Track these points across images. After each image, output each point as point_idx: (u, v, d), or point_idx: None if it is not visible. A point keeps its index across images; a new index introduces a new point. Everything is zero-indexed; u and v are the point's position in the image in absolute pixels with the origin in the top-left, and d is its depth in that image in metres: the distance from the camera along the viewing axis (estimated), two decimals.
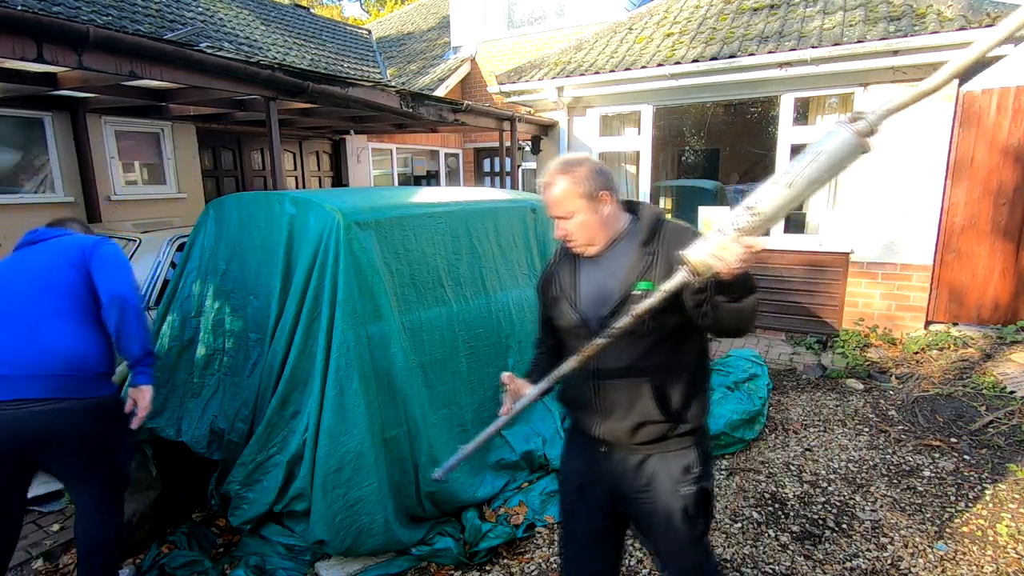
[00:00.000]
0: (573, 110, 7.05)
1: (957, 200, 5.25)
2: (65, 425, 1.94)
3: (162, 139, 6.42)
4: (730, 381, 4.01)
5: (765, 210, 1.12)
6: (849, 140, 1.05)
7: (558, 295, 1.60)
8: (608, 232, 1.52)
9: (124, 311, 2.01)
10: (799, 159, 1.09)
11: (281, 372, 2.53)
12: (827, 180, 1.10)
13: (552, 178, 1.49)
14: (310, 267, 2.52)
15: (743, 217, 1.13)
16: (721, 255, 1.14)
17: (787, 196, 1.09)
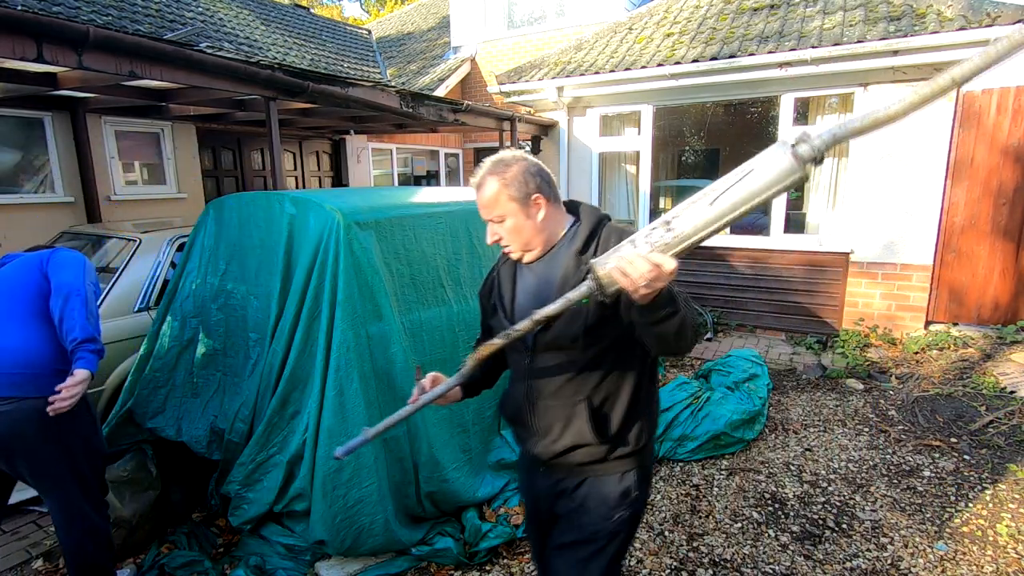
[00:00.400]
0: (573, 110, 7.05)
1: (957, 200, 5.25)
2: (26, 424, 1.95)
3: (162, 139, 6.41)
4: (730, 381, 4.01)
5: (683, 228, 0.99)
6: (786, 164, 0.93)
7: (496, 304, 1.51)
8: (546, 237, 1.41)
9: (68, 298, 2.00)
10: (729, 175, 0.98)
11: (281, 372, 2.53)
12: (756, 204, 0.97)
13: (482, 179, 1.37)
14: (310, 267, 2.52)
15: (658, 232, 1.01)
16: (626, 270, 0.99)
17: (708, 215, 0.97)
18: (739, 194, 0.96)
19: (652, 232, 1.01)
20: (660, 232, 1.00)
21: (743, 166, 0.97)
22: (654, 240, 1.00)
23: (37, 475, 2.05)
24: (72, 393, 1.89)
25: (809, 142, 0.93)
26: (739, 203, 0.96)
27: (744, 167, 0.97)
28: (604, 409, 1.39)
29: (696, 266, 6.45)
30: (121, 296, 3.32)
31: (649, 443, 1.47)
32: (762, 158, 0.96)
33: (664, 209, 8.67)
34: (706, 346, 5.66)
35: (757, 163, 0.96)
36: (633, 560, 2.56)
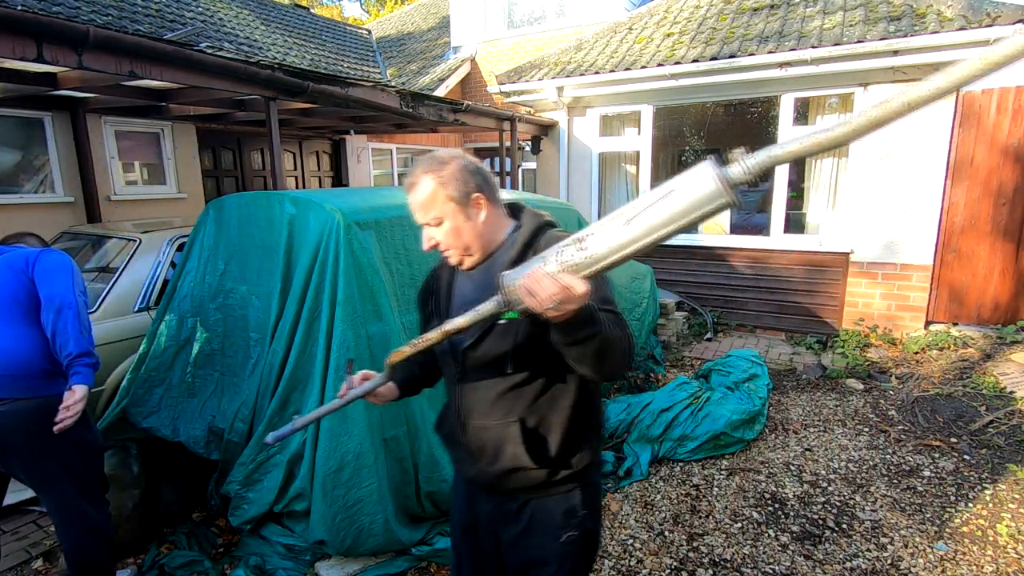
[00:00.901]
0: (573, 110, 7.05)
1: (957, 200, 5.25)
2: (15, 424, 1.96)
3: (162, 139, 6.41)
4: (730, 381, 4.01)
5: (596, 248, 0.91)
6: (710, 187, 0.84)
7: (432, 312, 1.41)
8: (486, 241, 1.30)
9: (60, 311, 2.01)
10: (650, 193, 0.89)
11: (281, 372, 2.53)
12: (676, 228, 0.88)
13: (416, 178, 1.26)
14: (310, 267, 2.52)
15: (569, 250, 0.93)
16: (532, 289, 0.93)
17: (623, 236, 0.89)
18: (657, 216, 0.87)
19: (564, 250, 0.94)
20: (572, 251, 0.93)
21: (666, 184, 0.88)
22: (565, 259, 0.93)
23: (32, 474, 2.05)
24: (75, 411, 1.93)
25: (742, 163, 0.84)
26: (657, 226, 0.88)
27: (666, 186, 0.88)
28: (540, 431, 1.29)
29: (696, 266, 6.45)
30: (121, 296, 3.32)
31: (595, 460, 1.38)
32: (686, 178, 0.87)
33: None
34: (706, 346, 5.66)
35: (680, 183, 0.87)
36: (633, 560, 2.56)
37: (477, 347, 1.28)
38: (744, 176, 0.84)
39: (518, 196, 3.92)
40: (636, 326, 4.70)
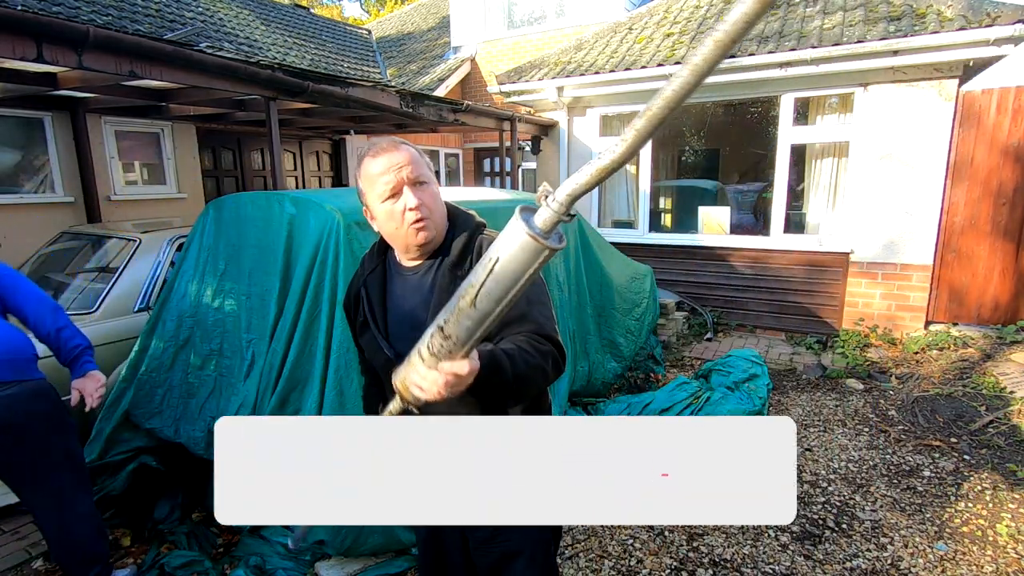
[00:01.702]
0: (573, 110, 7.05)
1: (957, 200, 5.25)
2: (20, 408, 1.98)
3: (162, 139, 6.42)
4: (730, 381, 4.01)
5: (457, 333, 0.92)
6: (529, 245, 0.82)
7: (367, 319, 1.33)
8: (442, 228, 1.29)
9: (56, 311, 2.13)
10: (478, 269, 0.88)
11: (281, 372, 2.53)
12: (518, 290, 0.87)
13: (393, 144, 1.24)
14: (310, 267, 2.52)
15: (436, 340, 0.94)
16: (423, 386, 0.95)
17: (476, 316, 0.89)
18: (496, 289, 0.86)
19: (432, 340, 0.94)
20: (439, 340, 0.93)
21: (489, 254, 0.86)
22: (436, 350, 0.94)
23: (36, 462, 2.04)
24: (102, 393, 2.10)
25: (548, 204, 0.81)
26: (500, 296, 0.86)
27: (490, 256, 0.86)
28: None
29: (696, 266, 6.45)
30: (121, 296, 3.32)
31: None
32: (502, 244, 0.85)
33: (664, 209, 8.67)
34: (706, 346, 5.66)
35: (498, 250, 0.85)
36: (633, 560, 2.56)
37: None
38: (554, 218, 0.81)
39: (517, 196, 3.91)
40: (636, 326, 4.70)
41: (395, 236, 1.28)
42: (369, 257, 1.39)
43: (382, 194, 1.23)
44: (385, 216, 1.25)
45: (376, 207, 1.27)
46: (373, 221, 1.32)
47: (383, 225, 1.28)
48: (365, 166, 1.26)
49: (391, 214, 1.24)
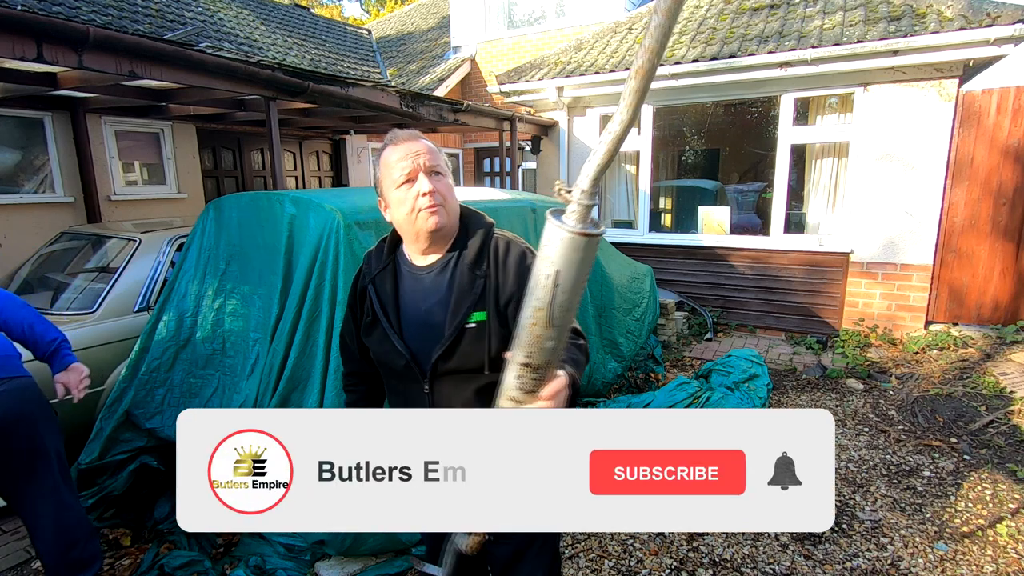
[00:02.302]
0: (573, 110, 7.05)
1: (957, 200, 5.25)
2: (14, 403, 1.98)
3: (162, 139, 6.42)
4: (730, 381, 4.01)
5: (542, 359, 0.95)
6: (577, 242, 0.86)
7: (375, 317, 1.30)
8: (455, 224, 1.30)
9: (26, 305, 2.12)
10: (540, 286, 0.89)
11: (281, 372, 2.53)
12: (582, 289, 0.92)
13: (415, 135, 1.27)
14: (310, 267, 2.52)
15: (526, 378, 0.97)
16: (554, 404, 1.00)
17: (555, 333, 0.92)
18: (568, 299, 0.89)
19: (521, 380, 0.98)
20: (530, 376, 0.97)
21: (542, 269, 0.89)
22: (530, 386, 0.98)
23: (30, 459, 2.04)
24: (87, 383, 2.09)
25: (574, 199, 0.85)
26: (572, 303, 0.90)
27: (546, 273, 0.88)
28: None
29: (696, 266, 6.45)
30: (121, 296, 3.32)
31: None
32: (554, 253, 0.87)
33: (664, 209, 8.67)
34: (706, 346, 5.66)
35: (554, 260, 0.87)
36: (633, 560, 2.56)
37: (450, 358, 1.24)
38: (587, 205, 0.85)
39: (518, 196, 3.92)
40: (636, 326, 4.70)
41: (406, 223, 1.25)
42: (376, 255, 1.36)
43: (397, 180, 1.23)
44: (397, 202, 1.24)
45: (390, 193, 1.25)
46: (386, 211, 1.30)
47: (395, 212, 1.26)
48: (384, 155, 1.27)
49: (404, 200, 1.23)
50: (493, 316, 1.24)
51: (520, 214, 3.59)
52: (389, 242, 1.35)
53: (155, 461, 2.79)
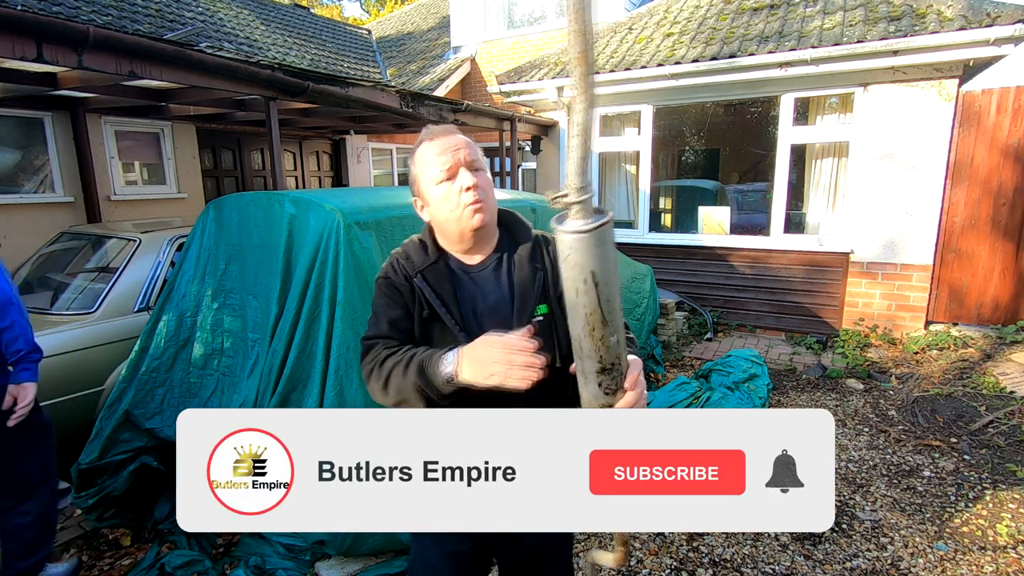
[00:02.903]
0: None
1: (957, 200, 5.25)
2: None
3: (162, 139, 6.42)
4: (730, 381, 4.01)
5: (613, 356, 0.97)
6: (594, 237, 0.87)
7: (436, 313, 1.22)
8: (494, 221, 1.28)
9: (3, 307, 2.00)
10: (579, 297, 0.91)
11: (281, 372, 2.53)
12: (617, 275, 0.94)
13: (451, 130, 1.24)
14: (310, 267, 2.52)
15: (606, 381, 0.99)
16: (641, 400, 1.04)
17: (613, 327, 0.94)
18: (613, 291, 0.92)
19: (602, 385, 1.00)
20: (609, 380, 0.99)
21: (575, 277, 0.90)
22: (613, 386, 1.00)
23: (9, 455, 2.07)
24: (28, 408, 2.00)
25: (573, 202, 0.85)
26: (613, 294, 0.92)
27: (583, 278, 0.90)
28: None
29: (696, 266, 6.45)
30: (121, 296, 3.32)
31: None
32: (582, 257, 0.88)
33: (664, 209, 8.68)
34: (706, 346, 5.66)
35: (584, 264, 0.89)
36: (633, 560, 2.56)
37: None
38: (585, 198, 0.86)
39: (518, 196, 3.91)
40: (636, 326, 4.70)
41: (448, 220, 1.21)
42: (416, 250, 1.27)
43: (437, 176, 1.19)
44: (439, 199, 1.20)
45: (430, 191, 1.21)
46: (423, 210, 1.26)
47: (437, 209, 1.22)
48: (421, 151, 1.23)
49: (446, 196, 1.19)
50: (556, 308, 1.23)
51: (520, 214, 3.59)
52: (430, 240, 1.29)
53: (155, 461, 2.79)
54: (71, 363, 3.05)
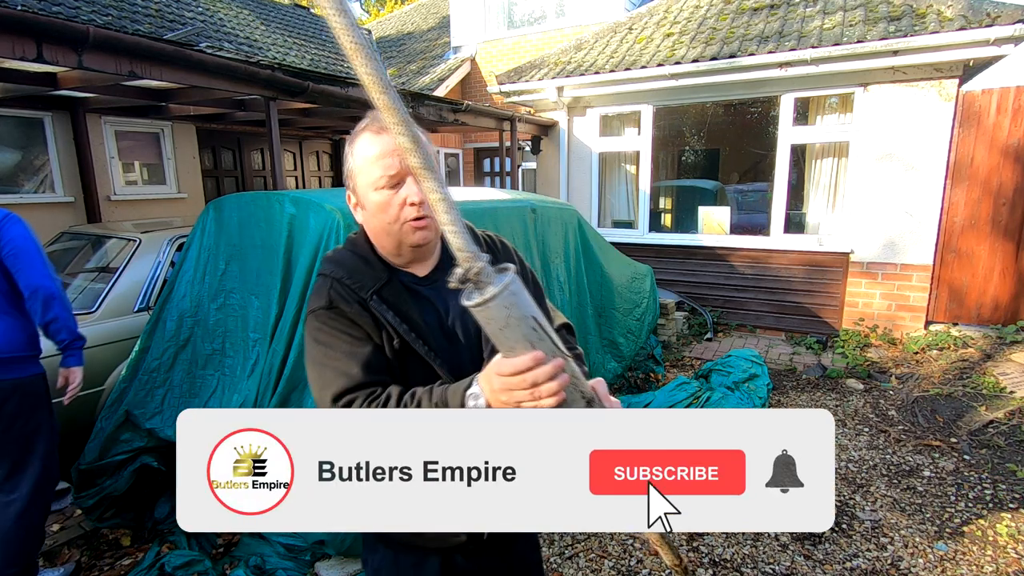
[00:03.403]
0: (573, 110, 7.05)
1: (957, 200, 5.25)
2: (16, 395, 2.07)
3: (162, 139, 6.42)
4: (730, 381, 4.01)
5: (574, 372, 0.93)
6: (494, 308, 0.80)
7: (406, 342, 1.05)
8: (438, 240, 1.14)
9: (47, 302, 2.14)
10: (519, 343, 0.86)
11: (281, 372, 2.53)
12: (533, 305, 0.86)
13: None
14: (310, 267, 2.52)
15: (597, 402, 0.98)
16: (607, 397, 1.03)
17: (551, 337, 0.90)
18: (531, 320, 0.85)
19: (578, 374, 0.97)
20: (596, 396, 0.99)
21: (524, 334, 0.84)
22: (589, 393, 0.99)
23: (14, 448, 2.10)
24: (79, 388, 2.25)
25: (470, 278, 0.80)
26: (535, 317, 0.85)
27: (527, 328, 0.84)
28: None
29: (696, 266, 6.45)
30: (121, 296, 3.32)
31: None
32: (513, 311, 0.82)
33: (664, 209, 8.68)
34: (706, 346, 5.66)
35: (522, 314, 0.83)
36: (633, 560, 2.56)
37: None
38: (476, 270, 0.80)
39: (517, 196, 3.91)
40: (636, 326, 4.70)
41: (384, 231, 1.07)
42: (357, 267, 1.09)
43: (377, 181, 1.04)
44: (377, 207, 1.05)
45: (368, 195, 1.06)
46: (357, 210, 1.11)
47: (372, 217, 1.07)
48: (362, 143, 1.06)
49: (385, 206, 1.04)
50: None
51: (520, 214, 3.59)
52: (372, 252, 1.11)
53: (155, 461, 2.79)
54: None
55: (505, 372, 0.88)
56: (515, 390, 0.90)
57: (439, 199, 0.76)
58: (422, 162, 0.74)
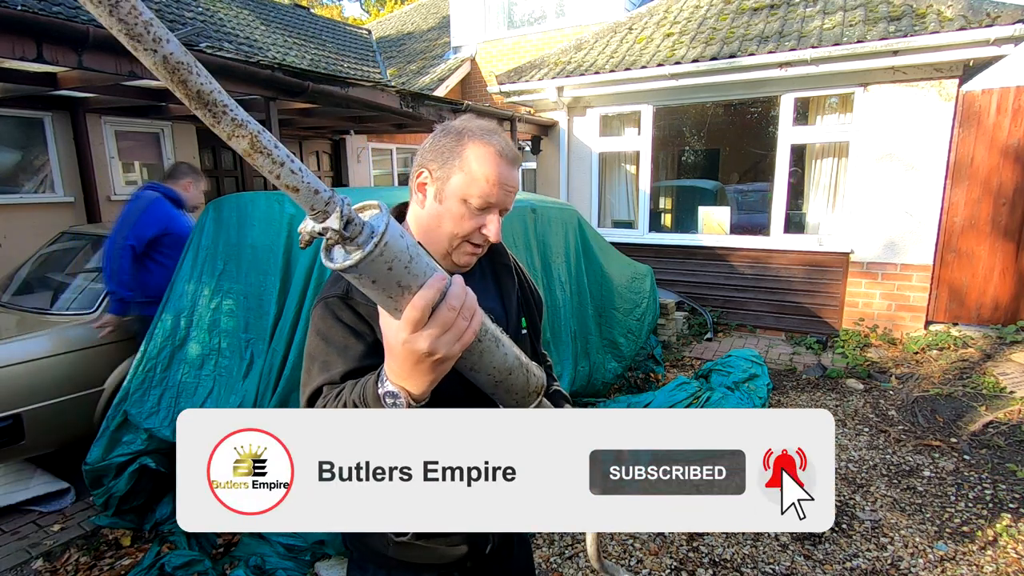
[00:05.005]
0: (573, 110, 7.05)
1: (957, 200, 5.25)
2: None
3: (162, 139, 6.42)
4: (730, 381, 4.01)
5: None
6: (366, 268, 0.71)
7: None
8: None
9: (106, 253, 2.85)
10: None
11: (281, 373, 2.53)
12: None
13: (517, 158, 1.04)
14: (310, 267, 2.52)
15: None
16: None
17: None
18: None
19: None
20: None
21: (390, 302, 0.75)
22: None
23: None
24: (107, 330, 3.03)
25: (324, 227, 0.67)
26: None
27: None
28: None
29: (696, 266, 6.45)
30: None
31: None
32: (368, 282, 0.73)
33: (664, 209, 8.68)
34: (706, 346, 5.66)
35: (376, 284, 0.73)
36: (633, 560, 2.56)
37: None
38: (336, 224, 0.67)
39: (518, 196, 3.91)
40: (636, 326, 4.70)
41: (441, 235, 1.03)
42: (336, 289, 1.03)
43: (473, 197, 0.99)
44: (455, 215, 1.00)
45: (454, 199, 1.00)
46: (424, 202, 1.04)
47: (439, 216, 1.02)
48: (483, 155, 1.00)
49: (462, 219, 1.00)
50: (529, 324, 1.22)
51: (520, 214, 3.59)
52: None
53: (154, 463, 2.79)
54: (71, 363, 3.05)
55: (408, 328, 0.74)
56: (432, 345, 0.77)
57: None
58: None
